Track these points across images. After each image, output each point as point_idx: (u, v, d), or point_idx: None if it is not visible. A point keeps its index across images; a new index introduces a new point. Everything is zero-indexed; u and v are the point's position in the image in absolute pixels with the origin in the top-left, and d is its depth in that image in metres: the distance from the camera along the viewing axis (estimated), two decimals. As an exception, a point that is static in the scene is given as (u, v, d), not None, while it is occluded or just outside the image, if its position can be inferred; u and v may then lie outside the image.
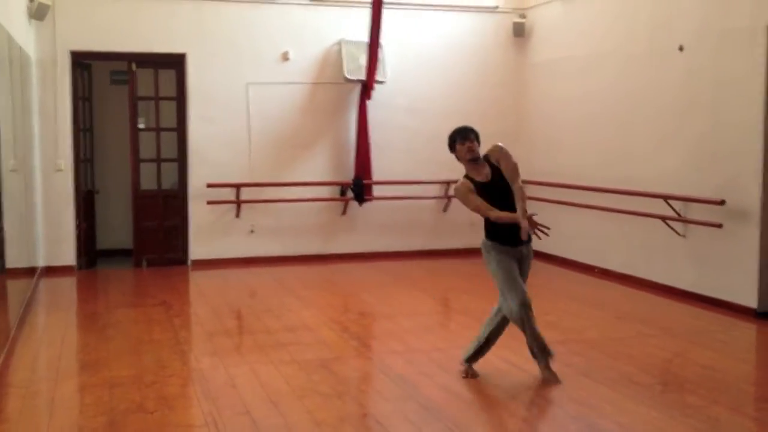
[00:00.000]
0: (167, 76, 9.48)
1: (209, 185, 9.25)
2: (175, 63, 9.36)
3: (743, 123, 6.86)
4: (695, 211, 7.35)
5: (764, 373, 5.68)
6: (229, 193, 9.40)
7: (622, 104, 8.47)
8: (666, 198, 7.53)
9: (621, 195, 8.18)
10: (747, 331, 6.54)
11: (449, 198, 10.12)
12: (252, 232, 9.59)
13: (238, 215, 9.50)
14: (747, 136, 6.81)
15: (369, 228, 9.99)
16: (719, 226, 6.97)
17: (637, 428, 4.22)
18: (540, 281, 8.99)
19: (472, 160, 5.20)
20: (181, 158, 9.46)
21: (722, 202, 6.95)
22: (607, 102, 8.73)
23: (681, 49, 7.57)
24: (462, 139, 5.27)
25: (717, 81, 7.17)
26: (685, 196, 7.38)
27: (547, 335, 6.07)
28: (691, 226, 7.41)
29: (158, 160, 9.51)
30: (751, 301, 6.78)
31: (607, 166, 8.62)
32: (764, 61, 6.64)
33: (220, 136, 9.42)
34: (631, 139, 8.32)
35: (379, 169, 9.76)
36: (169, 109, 9.51)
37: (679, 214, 7.45)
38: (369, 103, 9.66)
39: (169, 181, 9.59)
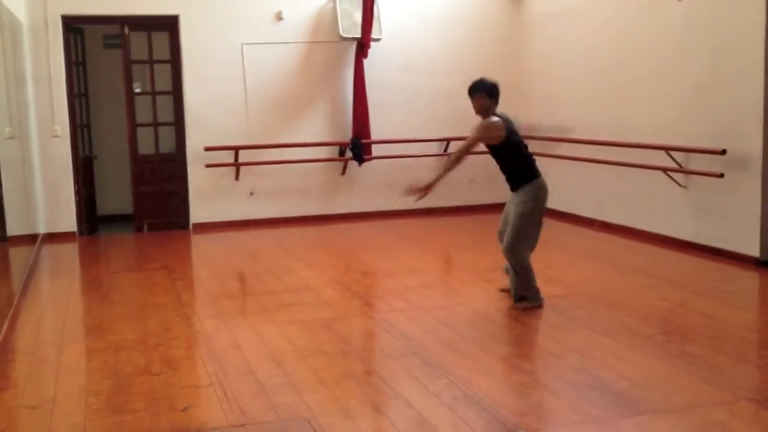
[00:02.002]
0: (161, 39, 9.37)
1: (207, 148, 9.20)
2: (168, 25, 9.24)
3: (743, 72, 6.79)
4: (696, 162, 7.31)
5: (766, 321, 5.70)
6: (227, 156, 9.36)
7: (621, 56, 8.38)
8: (667, 149, 7.49)
9: (621, 147, 8.14)
10: (749, 279, 6.55)
11: (449, 155, 10.05)
12: (251, 194, 9.57)
13: (237, 178, 9.47)
14: (747, 85, 6.75)
15: (369, 187, 9.96)
16: (721, 175, 6.94)
17: (639, 378, 4.25)
18: (542, 235, 9.00)
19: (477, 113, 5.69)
20: (178, 122, 9.40)
21: (723, 152, 6.91)
22: (605, 54, 8.64)
23: (680, -2, 7.47)
24: (469, 96, 5.66)
25: (716, 30, 7.08)
26: (685, 147, 7.34)
27: (549, 289, 6.13)
28: (692, 176, 7.38)
29: (155, 124, 9.45)
30: (753, 250, 6.78)
31: (607, 118, 8.56)
32: (764, 9, 6.55)
33: (217, 98, 9.35)
34: (630, 90, 8.24)
35: (377, 128, 9.70)
36: (163, 73, 9.42)
37: (680, 165, 7.42)
38: (365, 62, 9.57)
39: (166, 145, 9.55)
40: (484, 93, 5.56)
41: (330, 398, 4.08)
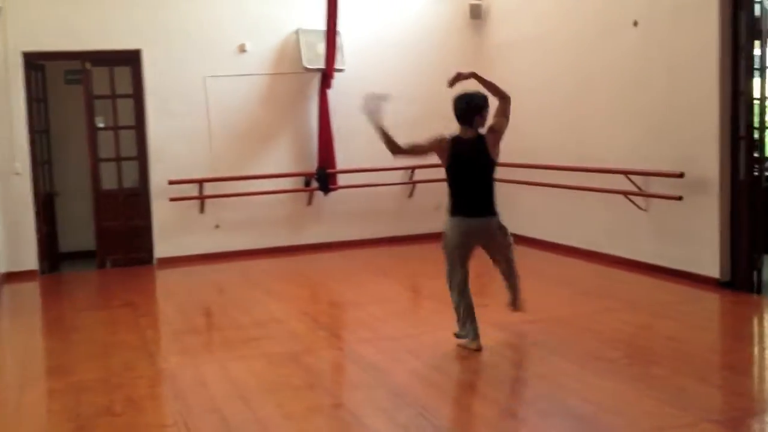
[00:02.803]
0: (123, 74, 9.34)
1: (171, 182, 9.15)
2: (131, 60, 9.22)
3: (698, 95, 6.94)
4: (655, 185, 7.43)
5: (728, 341, 5.78)
6: (191, 189, 9.31)
7: (580, 82, 8.53)
8: (626, 173, 7.60)
9: (582, 172, 8.24)
10: (710, 301, 6.65)
11: (414, 183, 10.12)
12: (217, 227, 9.51)
13: (202, 211, 9.42)
14: (703, 108, 6.89)
15: (335, 217, 9.96)
16: (679, 198, 7.06)
17: (604, 403, 4.27)
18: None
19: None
20: (142, 156, 9.34)
21: (681, 175, 7.03)
22: (565, 81, 8.77)
23: (635, 24, 7.63)
24: (480, 111, 5.56)
25: (671, 54, 7.24)
26: (645, 171, 7.45)
27: (516, 315, 6.14)
28: (653, 199, 7.49)
29: (118, 159, 9.38)
30: (713, 271, 6.88)
31: (568, 144, 8.68)
32: (717, 33, 6.72)
33: (180, 131, 9.32)
34: (589, 116, 8.38)
35: (342, 158, 9.73)
36: (126, 107, 9.37)
37: (640, 189, 7.53)
38: (329, 92, 9.61)
39: (130, 179, 9.47)
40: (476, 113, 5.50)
41: (296, 434, 4.05)
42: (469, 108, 5.37)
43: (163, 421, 4.35)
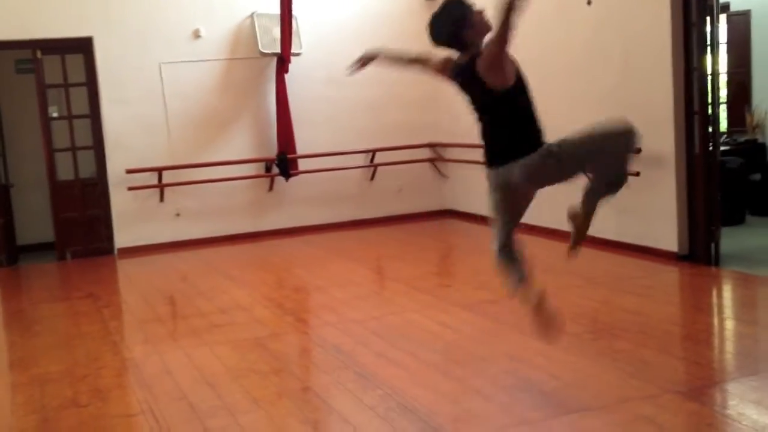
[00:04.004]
0: (76, 62, 9.16)
1: (129, 171, 9.03)
2: (83, 47, 9.05)
3: (652, 72, 7.03)
4: (614, 162, 7.51)
5: (688, 313, 5.89)
6: (150, 178, 9.20)
7: (535, 62, 8.50)
8: (585, 151, 7.67)
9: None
10: (669, 274, 6.77)
11: (375, 167, 10.12)
12: (178, 215, 9.42)
13: (161, 199, 9.31)
14: (657, 85, 6.98)
15: (297, 202, 9.93)
16: (637, 174, 7.15)
17: (568, 377, 4.34)
18: (468, 241, 9.15)
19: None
20: (98, 145, 9.19)
21: (639, 151, 7.11)
22: (520, 59, 8.75)
23: (589, 2, 7.68)
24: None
25: (625, 32, 7.31)
26: (603, 148, 7.54)
27: (479, 295, 6.22)
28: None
29: (73, 149, 9.22)
30: (672, 245, 7.00)
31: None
32: (669, 10, 6.80)
33: (137, 119, 9.19)
34: (546, 95, 8.33)
35: (302, 143, 9.68)
36: (80, 96, 9.21)
37: (598, 166, 7.62)
38: (287, 77, 9.55)
39: (87, 169, 9.32)
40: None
41: (265, 418, 4.05)
42: (438, 23, 3.92)
43: (129, 411, 4.32)
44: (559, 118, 8.22)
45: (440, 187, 10.55)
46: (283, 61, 9.45)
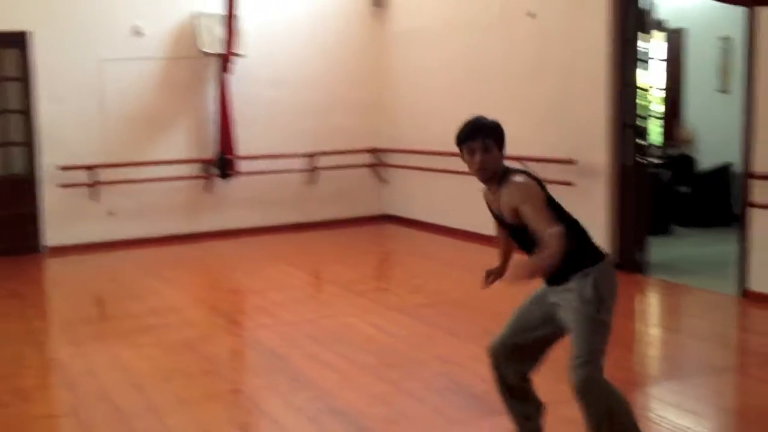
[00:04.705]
0: (10, 56, 8.92)
1: (62, 168, 8.83)
2: (18, 42, 8.80)
3: (588, 85, 7.19)
4: (549, 171, 7.64)
5: (615, 320, 6.01)
6: (83, 176, 9.00)
7: (478, 71, 8.69)
8: (521, 160, 7.79)
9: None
10: (599, 282, 6.91)
11: (316, 170, 10.10)
12: (111, 214, 9.23)
13: (95, 198, 9.12)
14: (592, 98, 7.15)
15: (236, 204, 9.83)
16: (570, 184, 7.31)
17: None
18: (407, 246, 9.20)
19: (480, 176, 3.39)
20: (30, 141, 8.96)
21: (572, 162, 7.28)
22: (464, 69, 8.92)
23: (532, 15, 7.83)
24: (465, 141, 3.39)
25: (565, 45, 7.47)
26: (538, 157, 7.67)
27: (415, 299, 6.25)
28: (546, 185, 7.71)
29: (4, 144, 8.97)
30: (602, 253, 7.15)
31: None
32: (605, 26, 6.98)
33: (72, 116, 8.97)
34: (487, 104, 8.48)
35: (243, 144, 9.60)
36: (14, 91, 8.97)
37: (534, 175, 7.76)
38: (230, 77, 9.46)
39: (17, 165, 9.07)
40: (492, 140, 3.35)
41: (192, 420, 4.00)
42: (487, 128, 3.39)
43: (52, 411, 4.23)
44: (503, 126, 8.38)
45: (380, 192, 10.58)
46: (225, 61, 9.37)
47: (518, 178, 3.28)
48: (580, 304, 3.15)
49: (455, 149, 3.44)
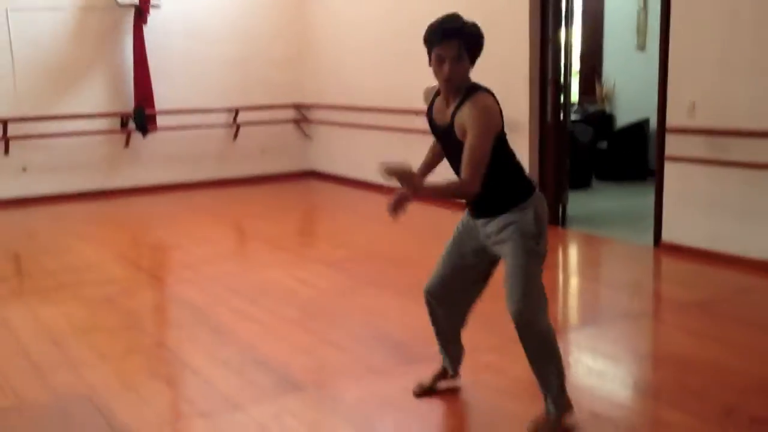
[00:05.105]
0: None
1: (-30, 122, 8.45)
2: None
3: (511, 43, 7.24)
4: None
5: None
6: (-6, 130, 8.64)
7: (402, 27, 8.64)
8: (445, 115, 7.85)
9: (403, 114, 8.43)
10: (520, 235, 7.05)
11: (238, 126, 9.93)
12: (24, 170, 8.90)
13: (6, 152, 8.76)
14: (515, 56, 7.20)
15: (155, 160, 9.60)
16: (493, 139, 7.38)
17: (419, 329, 4.43)
18: (331, 202, 9.19)
19: (445, 87, 3.17)
20: (-66, 93, 8.54)
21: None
22: (387, 24, 8.86)
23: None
24: (436, 44, 3.15)
25: (488, 1, 7.49)
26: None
27: (338, 253, 6.25)
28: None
29: None
30: (523, 207, 7.28)
31: (390, 87, 8.81)
32: (528, -23, 7.03)
33: (-20, 67, 8.59)
34: (411, 61, 8.51)
35: (161, 98, 9.35)
36: None
37: (457, 130, 7.81)
38: (146, 29, 9.16)
39: None
40: (467, 48, 3.14)
41: (112, 374, 3.93)
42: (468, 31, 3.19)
43: (-36, 369, 4.08)
44: (416, 81, 8.38)
45: (304, 148, 10.50)
46: (141, 12, 9.06)
47: (488, 102, 3.07)
48: (520, 238, 3.09)
49: (380, 104, 3.37)
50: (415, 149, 8.49)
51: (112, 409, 3.46)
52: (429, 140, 3.52)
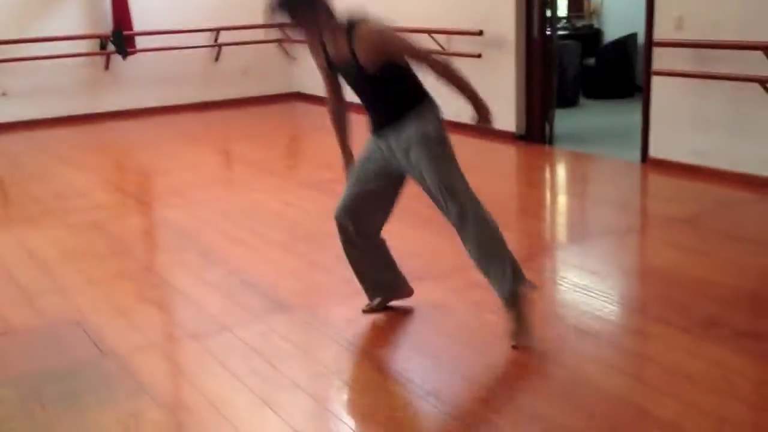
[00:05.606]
0: None
1: (-56, 46, 8.24)
2: None
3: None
4: (456, 44, 7.59)
5: (521, 189, 6.19)
6: (-30, 54, 8.44)
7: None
8: (430, 32, 7.69)
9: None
10: (507, 153, 7.04)
11: (220, 47, 9.73)
12: (4, 95, 8.74)
13: (-16, 78, 8.60)
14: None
15: (137, 83, 9.43)
16: (479, 56, 7.27)
17: (409, 249, 4.45)
18: (315, 123, 9.05)
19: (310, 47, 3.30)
20: None
21: (480, 33, 7.22)
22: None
23: None
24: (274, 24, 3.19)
25: None
26: (446, 30, 7.58)
27: (324, 175, 6.20)
28: (455, 58, 7.65)
29: None
30: (510, 125, 7.24)
31: (376, 8, 8.61)
32: None
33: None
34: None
35: (140, 19, 9.12)
36: None
37: (443, 48, 7.67)
38: (121, -55, 8.88)
39: None
40: (288, 14, 3.10)
41: (101, 298, 3.94)
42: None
43: (-48, 296, 4.08)
44: (412, 11, 8.22)
45: (287, 70, 10.32)
46: (116, -73, 8.76)
47: (373, 23, 3.14)
48: (425, 145, 3.12)
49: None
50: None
51: (101, 333, 3.48)
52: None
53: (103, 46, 9.12)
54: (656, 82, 6.02)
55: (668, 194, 5.60)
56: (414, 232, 4.79)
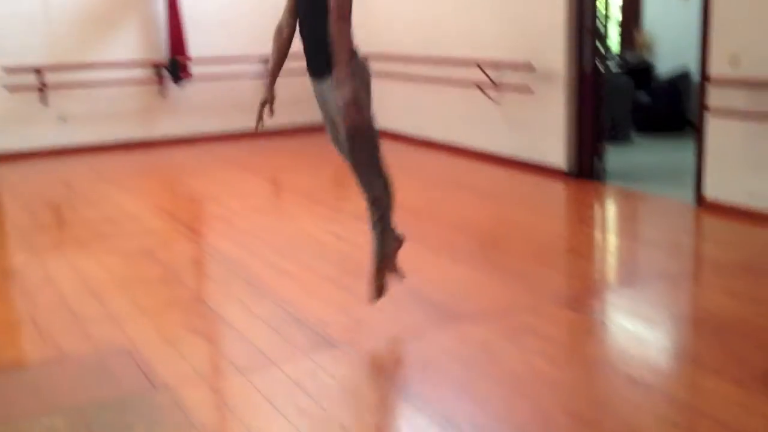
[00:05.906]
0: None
1: (8, 70, 8.48)
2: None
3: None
4: (506, 78, 7.58)
5: (572, 228, 6.12)
6: (32, 79, 8.67)
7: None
8: (478, 64, 7.69)
9: (438, 66, 8.30)
10: (556, 189, 6.97)
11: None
12: (62, 119, 8.96)
13: (44, 102, 8.82)
14: (550, 0, 7.02)
15: (191, 110, 9.61)
16: (529, 91, 7.25)
17: (456, 288, 4.45)
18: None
19: None
20: (-28, 42, 8.57)
21: (531, 67, 7.20)
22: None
23: None
24: None
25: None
26: (496, 61, 7.56)
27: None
28: (504, 93, 7.65)
29: (-55, 45, 8.57)
30: (560, 161, 7.19)
31: (424, 37, 8.67)
32: (570, -73, 6.80)
33: (14, 13, 8.58)
34: (441, 6, 8.39)
35: (196, 46, 9.31)
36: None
37: (493, 82, 7.66)
38: (179, -23, 9.09)
39: (-40, 68, 8.70)
40: None
41: (152, 327, 3.99)
42: None
43: (9, 318, 4.17)
44: (454, 29, 8.23)
45: (338, 99, 10.39)
46: (174, -42, 8.98)
47: None
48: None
49: (414, 53, 3.50)
50: (446, 98, 8.41)
51: (150, 363, 3.52)
52: (461, 92, 3.40)
53: (158, 73, 9.30)
54: (710, 118, 5.92)
55: (723, 237, 5.49)
56: (457, 268, 4.77)
